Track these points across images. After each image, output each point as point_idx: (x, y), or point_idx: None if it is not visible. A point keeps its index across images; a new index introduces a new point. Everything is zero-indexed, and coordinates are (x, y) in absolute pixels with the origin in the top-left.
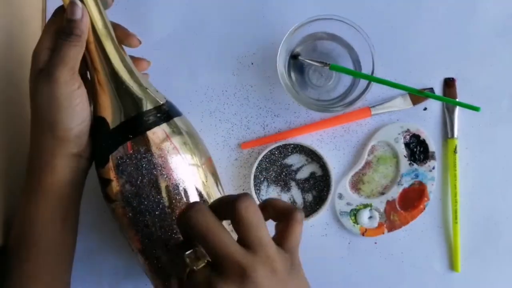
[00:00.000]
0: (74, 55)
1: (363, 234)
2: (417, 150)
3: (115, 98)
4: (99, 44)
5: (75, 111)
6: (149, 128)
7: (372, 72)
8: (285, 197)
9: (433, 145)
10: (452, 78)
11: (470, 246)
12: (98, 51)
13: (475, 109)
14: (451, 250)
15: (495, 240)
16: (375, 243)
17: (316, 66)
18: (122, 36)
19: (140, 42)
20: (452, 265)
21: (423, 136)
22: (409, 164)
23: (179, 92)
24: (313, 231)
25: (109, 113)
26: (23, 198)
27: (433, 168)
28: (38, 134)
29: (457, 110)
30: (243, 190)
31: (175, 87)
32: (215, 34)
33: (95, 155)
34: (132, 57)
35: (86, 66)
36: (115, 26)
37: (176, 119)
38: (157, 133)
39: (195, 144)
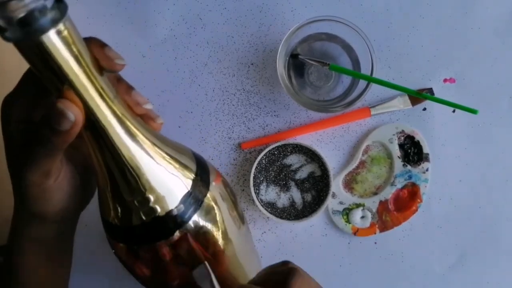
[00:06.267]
0: (51, 161)
1: (354, 234)
2: (411, 151)
3: (123, 198)
4: (97, 137)
5: (49, 200)
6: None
7: (372, 73)
8: (284, 197)
9: (427, 147)
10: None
11: (470, 246)
12: (94, 144)
13: (473, 111)
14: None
15: (495, 240)
16: (375, 243)
17: (316, 67)
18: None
19: (123, 65)
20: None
21: (417, 138)
22: (403, 165)
23: (179, 92)
24: (313, 231)
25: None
26: (10, 237)
27: (427, 170)
28: (15, 196)
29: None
30: (243, 190)
31: (175, 87)
32: (215, 34)
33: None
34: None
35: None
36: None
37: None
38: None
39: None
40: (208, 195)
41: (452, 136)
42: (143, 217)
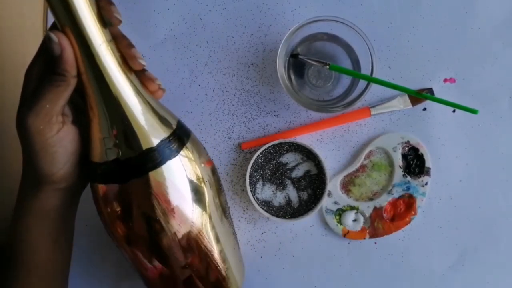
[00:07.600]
0: (54, 98)
1: (344, 236)
2: (414, 163)
3: (109, 132)
4: (94, 76)
5: (54, 158)
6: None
7: (372, 73)
8: (280, 196)
9: (430, 162)
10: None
11: (470, 246)
12: (92, 85)
13: (473, 111)
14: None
15: (495, 240)
16: (375, 243)
17: (316, 67)
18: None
19: (120, 21)
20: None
21: (421, 151)
22: (403, 175)
23: (179, 92)
24: (313, 231)
25: (98, 147)
26: (14, 215)
27: (426, 183)
28: (24, 163)
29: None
30: (243, 190)
31: (175, 87)
32: (215, 34)
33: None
34: (142, 75)
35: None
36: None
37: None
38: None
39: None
40: (193, 168)
41: (452, 136)
42: (119, 153)
